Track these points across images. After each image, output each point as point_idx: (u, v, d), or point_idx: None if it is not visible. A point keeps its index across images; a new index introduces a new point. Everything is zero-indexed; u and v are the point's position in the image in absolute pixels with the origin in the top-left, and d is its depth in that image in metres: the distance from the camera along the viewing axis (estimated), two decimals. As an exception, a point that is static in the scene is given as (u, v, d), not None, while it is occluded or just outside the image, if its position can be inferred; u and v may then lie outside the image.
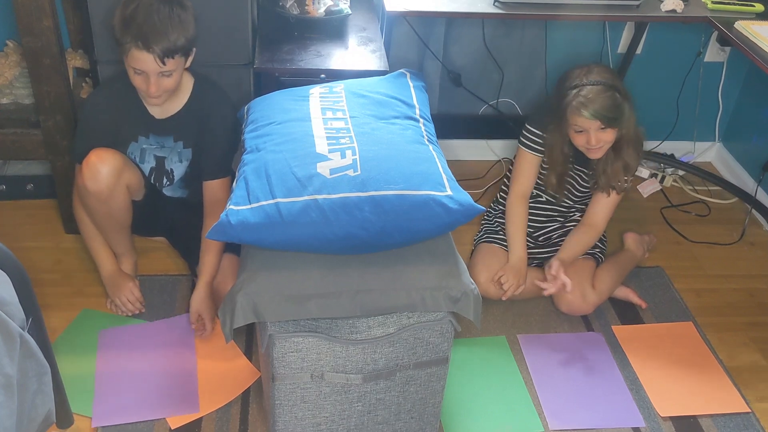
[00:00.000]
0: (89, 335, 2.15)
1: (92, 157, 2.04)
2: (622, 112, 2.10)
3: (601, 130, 2.11)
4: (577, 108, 2.08)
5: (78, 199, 2.18)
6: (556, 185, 2.31)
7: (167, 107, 2.14)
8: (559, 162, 2.26)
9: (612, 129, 2.12)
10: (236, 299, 1.64)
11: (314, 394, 1.73)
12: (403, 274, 1.70)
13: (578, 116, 2.09)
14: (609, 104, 2.07)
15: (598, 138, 2.12)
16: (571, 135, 2.17)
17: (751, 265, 2.67)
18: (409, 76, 2.16)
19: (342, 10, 2.48)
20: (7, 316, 1.33)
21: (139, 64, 1.95)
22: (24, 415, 1.39)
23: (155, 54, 1.92)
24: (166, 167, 2.25)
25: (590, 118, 2.08)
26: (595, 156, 2.19)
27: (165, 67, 1.96)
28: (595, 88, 2.08)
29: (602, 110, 2.07)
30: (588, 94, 2.08)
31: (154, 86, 2.00)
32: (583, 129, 2.12)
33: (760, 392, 2.16)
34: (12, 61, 2.42)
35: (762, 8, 2.42)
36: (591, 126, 2.10)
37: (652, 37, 2.89)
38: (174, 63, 1.98)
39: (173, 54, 1.96)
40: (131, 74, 2.01)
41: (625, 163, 2.23)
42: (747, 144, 3.05)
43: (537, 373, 2.15)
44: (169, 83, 2.02)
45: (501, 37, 2.85)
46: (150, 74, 1.97)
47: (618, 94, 2.09)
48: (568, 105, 2.10)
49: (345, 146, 1.78)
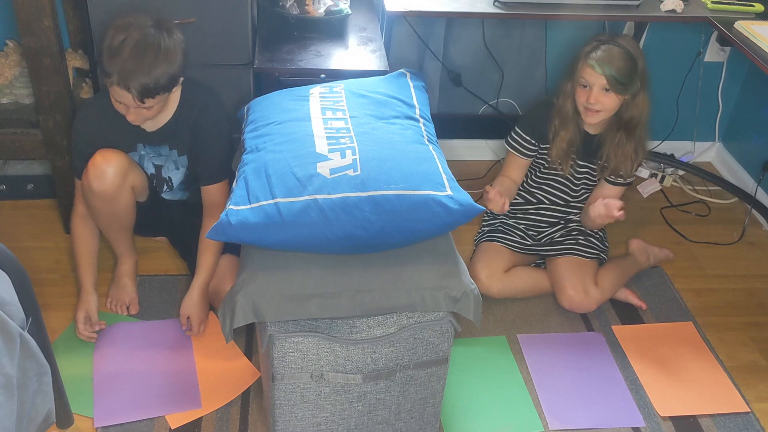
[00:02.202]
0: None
1: (98, 158, 2.04)
2: (631, 82, 2.09)
3: (604, 91, 2.09)
4: (590, 58, 2.07)
5: (76, 213, 2.16)
6: (563, 152, 2.24)
7: (156, 120, 2.11)
8: (569, 122, 2.21)
9: (615, 95, 2.10)
10: (236, 299, 1.64)
11: (314, 394, 1.73)
12: (403, 274, 1.70)
13: (587, 67, 2.08)
14: (622, 67, 2.06)
15: (597, 98, 2.10)
16: (577, 91, 2.15)
17: (751, 265, 2.67)
18: (409, 76, 2.16)
19: (342, 10, 2.48)
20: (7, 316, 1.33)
21: (118, 98, 1.95)
22: (24, 415, 1.39)
23: (134, 95, 1.91)
24: (163, 175, 2.24)
25: (598, 72, 2.06)
26: (589, 120, 2.17)
27: (144, 105, 1.95)
28: (616, 49, 2.07)
29: (613, 69, 2.05)
30: (606, 50, 2.06)
31: (133, 116, 1.99)
32: (588, 84, 2.11)
33: (760, 392, 2.16)
34: (12, 61, 2.42)
35: (762, 8, 2.42)
36: (596, 82, 2.08)
37: (652, 37, 2.89)
38: (153, 101, 1.96)
39: (153, 94, 1.93)
40: (112, 100, 1.99)
41: (635, 147, 2.22)
42: (747, 144, 3.05)
43: (537, 373, 2.15)
44: (148, 114, 2.01)
45: (501, 37, 2.85)
46: (129, 107, 1.96)
47: (635, 65, 2.08)
48: (583, 54, 2.09)
49: (345, 146, 1.78)
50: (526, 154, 2.31)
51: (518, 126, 2.31)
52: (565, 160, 2.27)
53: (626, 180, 2.31)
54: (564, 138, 2.23)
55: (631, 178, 2.31)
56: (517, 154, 2.32)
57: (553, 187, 2.39)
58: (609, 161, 2.26)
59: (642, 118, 2.18)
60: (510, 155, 2.35)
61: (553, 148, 2.26)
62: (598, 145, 2.27)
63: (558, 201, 2.40)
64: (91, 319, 2.11)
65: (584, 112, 2.16)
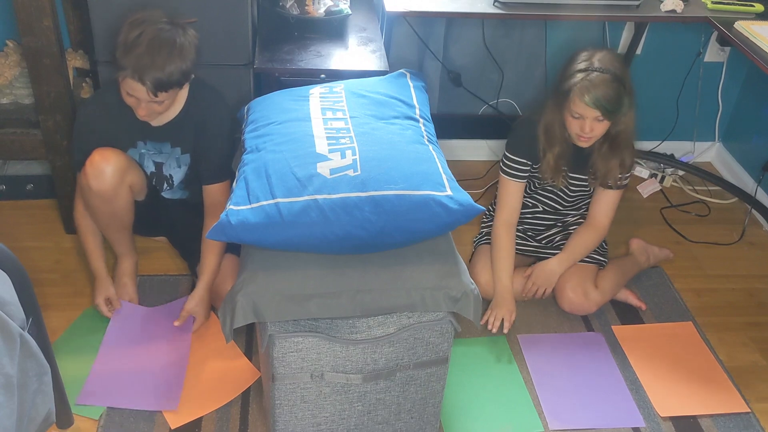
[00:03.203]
0: (90, 335, 2.15)
1: (96, 157, 2.04)
2: (622, 105, 2.08)
3: (598, 120, 2.09)
4: (581, 93, 2.05)
5: (79, 204, 2.18)
6: (554, 168, 2.23)
7: (162, 115, 2.12)
8: (557, 141, 2.20)
9: (608, 121, 2.10)
10: (236, 299, 1.64)
11: (314, 394, 1.73)
12: (403, 274, 1.70)
13: (580, 101, 2.06)
14: (612, 96, 2.04)
15: (592, 127, 2.10)
16: (567, 119, 2.14)
17: (751, 265, 2.67)
18: (409, 76, 2.16)
19: (342, 10, 2.48)
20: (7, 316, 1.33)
21: (131, 91, 1.96)
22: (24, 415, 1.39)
23: (148, 87, 1.93)
24: (164, 173, 2.24)
25: (592, 107, 2.05)
26: (583, 144, 2.17)
27: (157, 99, 1.97)
28: (603, 77, 2.04)
29: (605, 101, 2.03)
30: (594, 81, 2.04)
31: (144, 110, 2.01)
32: (581, 116, 2.10)
33: (760, 392, 2.16)
34: (12, 61, 2.42)
35: (762, 8, 2.42)
36: (590, 115, 2.07)
37: (652, 37, 2.89)
38: (166, 95, 1.98)
39: (166, 88, 1.96)
40: (123, 94, 2.00)
41: (621, 159, 2.22)
42: (747, 144, 3.05)
43: (537, 373, 2.15)
44: (159, 108, 2.03)
45: (501, 37, 2.85)
46: (141, 101, 1.98)
47: (623, 88, 2.07)
48: (573, 87, 2.06)
49: (345, 146, 1.78)
50: (522, 177, 2.29)
51: (508, 152, 2.28)
52: (556, 176, 2.26)
53: (620, 185, 2.29)
54: (552, 156, 2.22)
55: (625, 181, 2.30)
56: (516, 180, 2.29)
57: (548, 197, 2.38)
58: (597, 171, 2.25)
59: (628, 131, 2.18)
60: (507, 183, 2.30)
61: (543, 166, 2.25)
62: (587, 157, 2.26)
63: (555, 207, 2.40)
64: (112, 302, 2.20)
65: (577, 138, 2.16)
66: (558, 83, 2.15)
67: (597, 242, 2.35)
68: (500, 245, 2.30)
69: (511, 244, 2.31)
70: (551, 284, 2.32)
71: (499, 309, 2.22)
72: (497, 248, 2.30)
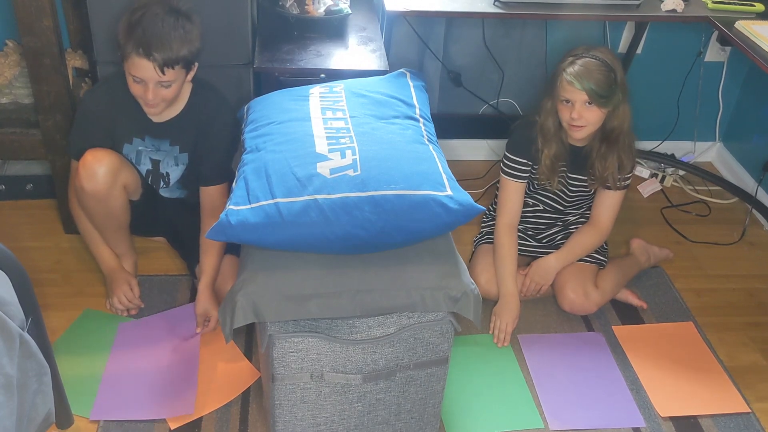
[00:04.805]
0: (90, 335, 2.15)
1: (88, 157, 2.04)
2: (612, 94, 2.07)
3: (587, 105, 2.08)
4: (568, 75, 2.05)
5: (75, 197, 2.18)
6: (550, 168, 2.23)
7: (165, 111, 2.12)
8: (553, 139, 2.20)
9: (598, 109, 2.09)
10: (236, 299, 1.64)
11: (314, 395, 1.73)
12: (403, 274, 1.70)
13: (567, 84, 2.06)
14: (601, 80, 2.04)
15: (580, 113, 2.09)
16: (559, 108, 2.14)
17: (751, 265, 2.67)
18: (409, 76, 2.16)
19: (342, 10, 2.48)
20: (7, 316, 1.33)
21: (138, 71, 1.95)
22: (24, 415, 1.39)
23: (155, 62, 1.92)
24: (161, 170, 2.24)
25: (578, 89, 2.05)
26: (575, 135, 2.16)
27: (164, 77, 1.95)
28: (593, 62, 2.05)
29: (592, 83, 2.03)
30: (583, 65, 2.05)
31: (152, 93, 1.98)
32: (569, 100, 2.09)
33: (760, 392, 2.16)
34: (12, 60, 2.42)
35: (762, 8, 2.42)
36: (577, 98, 2.07)
37: (652, 36, 2.89)
38: (174, 74, 1.97)
39: (173, 64, 1.94)
40: (130, 82, 2.00)
41: (619, 160, 2.21)
42: (747, 144, 3.05)
43: (537, 373, 2.15)
44: (167, 93, 2.01)
45: (501, 37, 2.85)
46: (148, 82, 1.96)
47: (614, 76, 2.07)
48: (561, 71, 2.07)
49: (345, 146, 1.78)
50: (523, 177, 2.29)
51: (509, 152, 2.28)
52: (552, 177, 2.25)
53: (620, 186, 2.29)
54: (548, 155, 2.21)
55: (626, 182, 2.29)
56: (516, 180, 2.28)
57: (548, 197, 2.38)
58: (595, 172, 2.25)
59: (623, 128, 2.17)
60: (508, 183, 2.29)
61: (540, 166, 2.25)
62: (585, 157, 2.26)
63: (555, 206, 2.39)
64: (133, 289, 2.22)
65: (569, 128, 2.15)
66: (551, 76, 2.16)
67: (598, 243, 2.34)
68: (503, 250, 2.29)
69: (514, 247, 2.30)
70: (548, 281, 2.32)
71: (503, 315, 2.22)
72: (500, 253, 2.30)
